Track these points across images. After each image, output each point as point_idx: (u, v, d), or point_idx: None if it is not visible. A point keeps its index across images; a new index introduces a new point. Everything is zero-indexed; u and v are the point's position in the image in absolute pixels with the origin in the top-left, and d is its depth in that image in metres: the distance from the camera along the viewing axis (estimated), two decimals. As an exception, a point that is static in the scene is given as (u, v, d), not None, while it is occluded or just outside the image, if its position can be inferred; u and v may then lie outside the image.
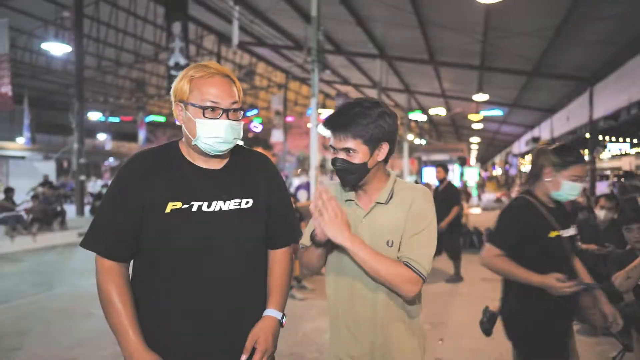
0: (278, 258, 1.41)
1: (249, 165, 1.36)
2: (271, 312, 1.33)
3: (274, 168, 1.45)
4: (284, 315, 1.37)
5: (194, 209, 1.23)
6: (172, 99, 1.27)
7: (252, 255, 1.32)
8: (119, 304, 1.21)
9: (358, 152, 1.32)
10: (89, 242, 1.24)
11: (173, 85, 1.26)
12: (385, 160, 1.40)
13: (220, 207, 1.26)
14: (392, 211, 1.38)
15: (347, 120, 1.32)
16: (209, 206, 1.25)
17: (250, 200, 1.31)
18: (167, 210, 1.22)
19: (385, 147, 1.37)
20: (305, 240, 1.49)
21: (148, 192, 1.22)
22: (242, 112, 1.29)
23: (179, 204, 1.22)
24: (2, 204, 8.85)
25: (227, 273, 1.26)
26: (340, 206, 1.30)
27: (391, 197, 1.40)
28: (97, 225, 1.25)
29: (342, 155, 1.34)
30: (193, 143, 1.24)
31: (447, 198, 5.97)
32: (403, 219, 1.36)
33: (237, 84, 1.29)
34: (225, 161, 1.31)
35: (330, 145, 1.37)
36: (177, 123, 1.29)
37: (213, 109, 1.22)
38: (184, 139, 1.31)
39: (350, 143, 1.32)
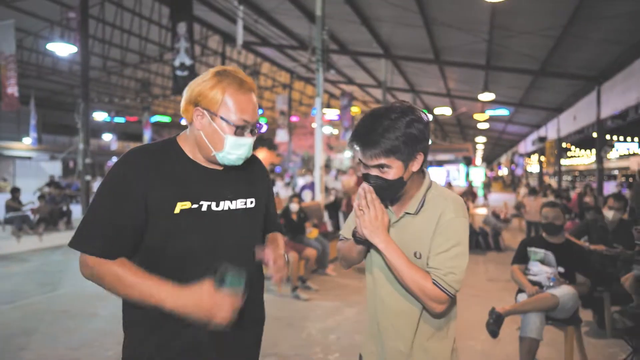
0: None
1: (248, 166, 1.35)
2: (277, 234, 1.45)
3: (265, 168, 1.48)
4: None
5: (204, 208, 1.21)
6: (188, 99, 1.20)
7: (254, 253, 1.34)
8: (128, 274, 1.14)
9: (392, 167, 1.25)
10: (80, 242, 1.16)
11: (194, 87, 1.20)
12: (421, 168, 1.34)
13: (229, 207, 1.26)
14: (421, 222, 1.33)
15: (376, 136, 1.22)
16: (217, 205, 1.24)
17: (253, 200, 1.33)
18: (177, 210, 1.18)
19: (420, 157, 1.29)
20: (344, 232, 1.50)
21: (153, 191, 1.17)
22: (260, 129, 1.29)
23: (188, 204, 1.19)
24: (8, 204, 8.91)
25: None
26: (383, 208, 1.29)
27: (422, 207, 1.34)
28: (91, 224, 1.16)
29: (375, 172, 1.27)
30: (213, 154, 1.21)
31: None
32: (431, 231, 1.30)
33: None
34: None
35: (360, 160, 1.30)
36: (183, 122, 1.27)
37: (245, 127, 1.21)
38: (190, 141, 1.25)
39: (383, 160, 1.24)
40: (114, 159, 30.89)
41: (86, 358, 3.47)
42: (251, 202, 1.32)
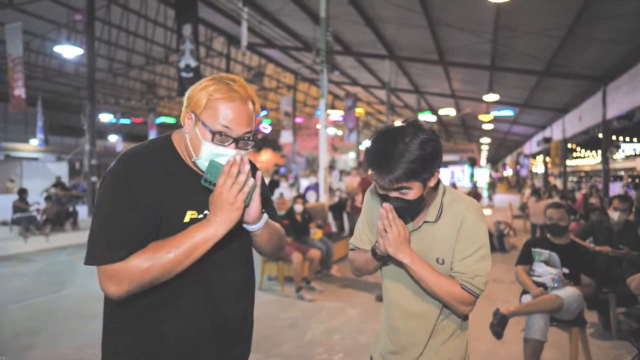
0: None
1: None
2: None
3: (258, 170, 1.41)
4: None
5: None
6: (185, 102, 1.18)
7: (250, 256, 1.34)
8: (156, 252, 1.07)
9: (412, 189, 1.26)
10: (102, 255, 1.06)
11: (190, 90, 1.17)
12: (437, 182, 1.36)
13: None
14: (442, 228, 1.35)
15: (394, 163, 1.21)
16: None
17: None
18: (186, 219, 1.14)
19: (437, 173, 1.30)
20: (356, 241, 1.52)
21: (166, 196, 1.12)
22: (252, 143, 1.17)
23: (195, 214, 1.15)
24: (16, 205, 8.98)
25: (236, 276, 1.26)
26: (404, 224, 1.32)
27: (440, 214, 1.36)
28: (114, 232, 1.07)
29: (394, 194, 1.27)
30: (193, 160, 1.16)
31: None
32: (454, 236, 1.34)
33: (257, 107, 1.19)
34: None
35: (377, 181, 1.29)
36: (182, 123, 1.23)
37: (223, 134, 1.12)
38: (182, 142, 1.21)
39: (402, 183, 1.24)
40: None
41: (91, 358, 3.49)
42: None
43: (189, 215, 1.15)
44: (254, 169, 1.33)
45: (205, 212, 1.16)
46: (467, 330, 1.50)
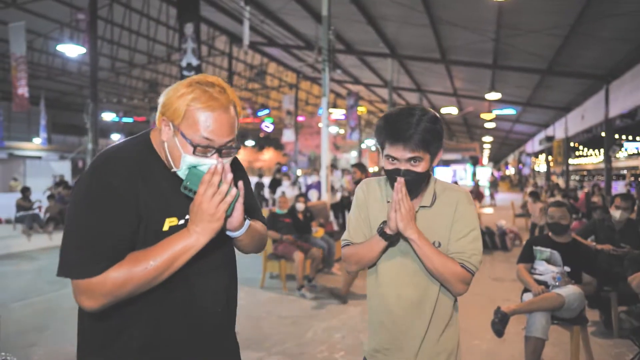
0: None
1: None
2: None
3: (240, 162, 1.34)
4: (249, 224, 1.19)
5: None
6: (160, 108, 1.09)
7: (233, 262, 1.30)
8: (134, 264, 1.02)
9: (423, 160, 1.34)
10: (81, 268, 0.99)
11: (166, 95, 1.08)
12: None
13: None
14: (438, 213, 1.43)
15: (411, 131, 1.31)
16: None
17: None
18: (165, 227, 1.08)
19: (440, 153, 1.41)
20: (352, 237, 1.52)
21: (143, 204, 1.05)
22: (235, 151, 1.12)
23: (175, 220, 1.09)
24: (19, 203, 9.04)
25: (218, 284, 1.22)
26: (411, 203, 1.35)
27: (435, 199, 1.44)
28: (90, 244, 1.00)
29: (405, 166, 1.34)
30: (173, 170, 1.10)
31: None
32: (450, 221, 1.42)
33: (239, 110, 1.12)
34: None
35: (390, 156, 1.36)
36: (157, 124, 1.14)
37: (205, 148, 1.05)
38: (159, 143, 1.13)
39: (418, 153, 1.32)
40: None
41: (96, 354, 3.52)
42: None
43: (168, 223, 1.09)
44: (240, 172, 1.26)
45: (187, 217, 1.09)
46: (458, 322, 1.53)
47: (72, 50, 11.28)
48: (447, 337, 1.47)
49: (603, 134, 12.79)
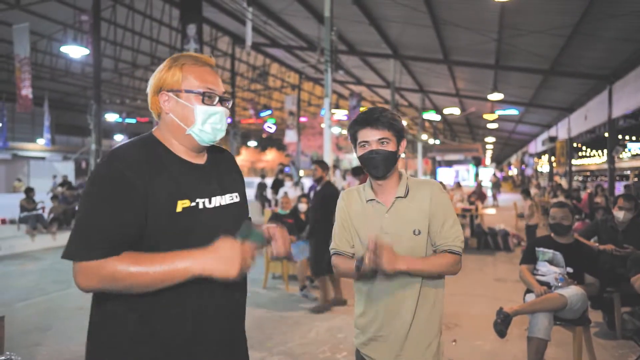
0: None
1: (224, 161, 1.36)
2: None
3: (235, 161, 1.45)
4: None
5: (201, 206, 1.18)
6: (153, 89, 1.20)
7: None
8: (142, 256, 1.07)
9: (390, 141, 1.56)
10: (81, 250, 1.05)
11: (154, 78, 1.21)
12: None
13: (220, 203, 1.24)
14: (414, 204, 1.60)
15: (380, 116, 1.57)
16: (209, 202, 1.21)
17: (237, 194, 1.32)
18: (179, 209, 1.13)
19: (404, 144, 1.62)
20: (338, 246, 1.69)
21: (154, 189, 1.11)
22: (231, 101, 1.29)
23: (187, 202, 1.15)
24: (23, 204, 9.09)
25: (228, 291, 1.23)
26: (388, 243, 1.47)
27: (408, 191, 1.62)
28: (93, 228, 1.06)
29: (375, 146, 1.56)
30: (187, 132, 1.19)
31: (326, 203, 4.48)
32: (427, 210, 1.58)
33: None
34: (205, 156, 1.28)
35: (363, 141, 1.58)
36: (154, 115, 1.24)
37: (211, 95, 1.19)
38: (166, 131, 1.22)
39: (385, 133, 1.56)
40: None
41: (99, 354, 3.54)
42: (236, 197, 1.31)
43: (181, 205, 1.14)
44: (230, 157, 1.40)
45: (197, 199, 1.17)
46: (442, 303, 1.68)
47: (75, 52, 11.33)
48: (432, 320, 1.61)
49: (606, 135, 12.75)
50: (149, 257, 1.07)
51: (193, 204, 1.16)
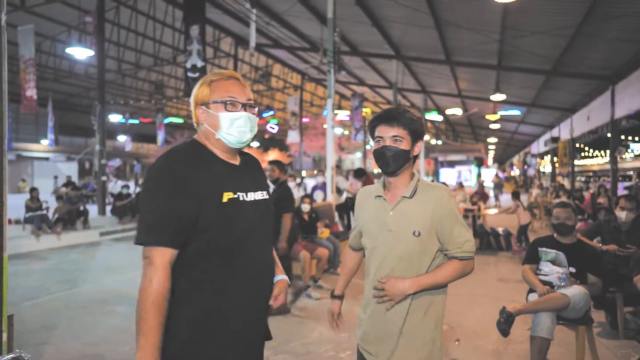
0: None
1: (253, 164, 1.56)
2: (282, 276, 1.56)
3: (261, 166, 1.66)
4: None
5: (241, 198, 1.38)
6: (193, 105, 1.43)
7: (271, 238, 1.56)
8: (164, 310, 1.22)
9: (404, 140, 1.60)
10: (151, 237, 1.24)
11: (193, 94, 1.43)
12: (414, 160, 1.68)
13: (254, 198, 1.43)
14: (418, 205, 1.62)
15: (397, 114, 1.62)
16: (246, 196, 1.40)
17: (265, 192, 1.52)
18: (225, 199, 1.33)
19: (420, 145, 1.66)
20: (350, 241, 1.89)
21: (203, 182, 1.30)
22: (257, 109, 1.47)
23: (231, 194, 1.34)
24: (28, 204, 9.14)
25: (266, 255, 1.46)
26: (392, 281, 1.58)
27: (415, 193, 1.63)
28: (157, 217, 1.26)
29: (389, 142, 1.60)
30: (217, 136, 1.39)
31: (280, 205, 4.47)
32: (429, 214, 1.59)
33: (248, 87, 1.46)
34: (239, 159, 1.48)
35: (378, 137, 1.63)
36: (195, 125, 1.46)
37: (233, 103, 1.39)
38: (204, 138, 1.43)
39: (400, 131, 1.59)
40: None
41: (105, 353, 3.57)
42: (264, 194, 1.50)
43: (226, 196, 1.34)
44: (257, 162, 1.59)
45: (238, 193, 1.37)
46: (444, 305, 1.72)
47: (81, 53, 11.40)
48: (427, 320, 1.64)
49: (609, 135, 12.74)
50: (160, 318, 1.21)
51: (235, 195, 1.36)
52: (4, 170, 2.50)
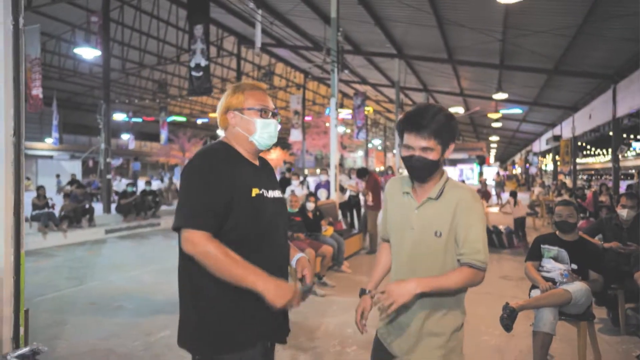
0: None
1: (267, 166, 1.73)
2: (300, 254, 1.72)
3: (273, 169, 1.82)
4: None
5: (265, 195, 1.55)
6: (222, 109, 1.60)
7: (286, 230, 1.72)
8: (234, 254, 1.38)
9: (434, 150, 1.53)
10: (190, 220, 1.39)
11: (223, 101, 1.61)
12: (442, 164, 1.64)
13: (273, 195, 1.60)
14: (441, 206, 1.59)
15: (427, 122, 1.51)
16: (268, 193, 1.57)
17: (280, 191, 1.69)
18: (253, 194, 1.49)
19: (451, 148, 1.60)
20: (381, 233, 1.88)
21: (236, 178, 1.46)
22: (278, 114, 1.67)
23: (257, 190, 1.51)
24: (34, 202, 9.23)
25: (284, 243, 1.63)
26: (391, 289, 1.51)
27: (441, 194, 1.60)
28: (197, 204, 1.41)
29: (418, 153, 1.54)
30: (250, 140, 1.58)
31: None
32: (450, 214, 1.56)
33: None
34: (258, 161, 1.64)
35: (407, 145, 1.56)
36: (221, 128, 1.62)
37: (266, 111, 1.59)
38: (233, 140, 1.60)
39: (430, 142, 1.52)
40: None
41: (120, 348, 3.66)
42: (279, 193, 1.68)
43: (254, 191, 1.51)
44: (270, 165, 1.75)
45: (263, 190, 1.54)
46: (464, 310, 1.69)
47: (87, 53, 11.49)
48: (449, 318, 1.62)
49: (610, 133, 12.77)
50: (235, 258, 1.38)
51: (260, 191, 1.53)
52: (21, 169, 2.58)
